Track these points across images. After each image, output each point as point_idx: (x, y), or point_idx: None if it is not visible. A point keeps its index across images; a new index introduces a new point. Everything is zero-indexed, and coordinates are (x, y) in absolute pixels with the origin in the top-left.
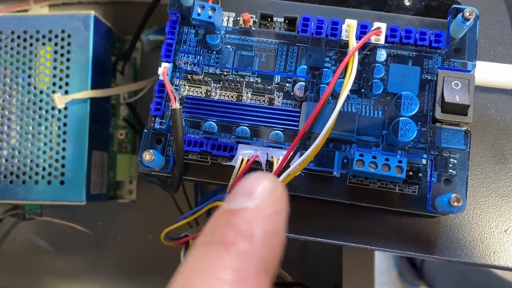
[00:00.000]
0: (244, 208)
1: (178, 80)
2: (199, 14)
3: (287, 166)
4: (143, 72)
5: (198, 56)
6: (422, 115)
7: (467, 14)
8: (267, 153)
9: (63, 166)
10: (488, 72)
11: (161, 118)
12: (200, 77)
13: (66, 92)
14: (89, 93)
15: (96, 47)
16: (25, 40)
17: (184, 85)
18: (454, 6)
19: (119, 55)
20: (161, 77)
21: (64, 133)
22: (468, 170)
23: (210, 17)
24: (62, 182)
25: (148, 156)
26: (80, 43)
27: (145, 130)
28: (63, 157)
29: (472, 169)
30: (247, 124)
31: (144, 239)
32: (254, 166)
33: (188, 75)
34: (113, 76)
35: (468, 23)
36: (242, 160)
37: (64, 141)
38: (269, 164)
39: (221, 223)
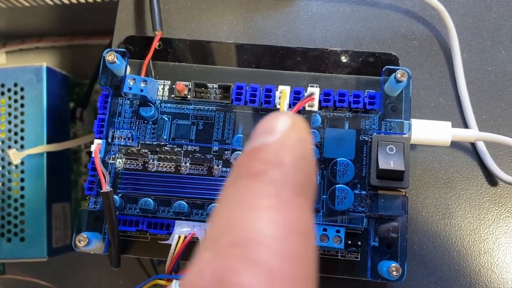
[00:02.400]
0: (267, 142)
1: (111, 156)
2: (130, 88)
3: None
4: None
5: (133, 131)
6: (360, 178)
7: (399, 75)
8: (205, 229)
9: (22, 222)
10: (425, 131)
11: (95, 197)
12: (136, 149)
13: (22, 147)
14: (44, 148)
15: (51, 98)
16: None
17: (121, 158)
18: (386, 67)
19: (79, 100)
20: (93, 155)
21: (22, 188)
22: (407, 234)
23: (142, 90)
24: (22, 239)
25: (81, 241)
26: (33, 96)
27: (78, 213)
28: (21, 213)
29: (418, 225)
30: (186, 196)
31: (115, 285)
32: (195, 240)
33: (124, 149)
34: (73, 122)
35: (401, 83)
36: (179, 238)
37: (22, 196)
38: None
39: (246, 160)
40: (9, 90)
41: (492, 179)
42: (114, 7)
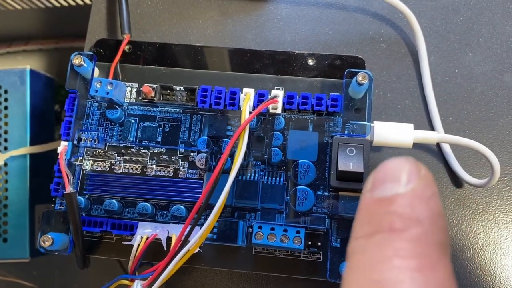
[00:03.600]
0: (399, 194)
1: (78, 158)
2: (96, 91)
3: (186, 241)
4: None
5: (99, 132)
6: (323, 180)
7: (360, 78)
8: (167, 230)
9: (5, 223)
10: (388, 132)
11: (61, 198)
12: (103, 151)
13: (6, 149)
14: (27, 149)
15: (35, 101)
16: None
17: (88, 159)
18: (348, 70)
19: (64, 102)
20: (58, 157)
21: (5, 190)
22: None
23: (107, 92)
24: (5, 240)
25: (46, 242)
26: (17, 98)
27: (43, 213)
28: (5, 214)
29: None
30: (151, 198)
31: (101, 284)
32: (156, 242)
33: (90, 151)
34: (58, 124)
35: (363, 86)
36: (142, 239)
37: (5, 198)
38: (170, 240)
39: (378, 212)
40: None
41: (457, 181)
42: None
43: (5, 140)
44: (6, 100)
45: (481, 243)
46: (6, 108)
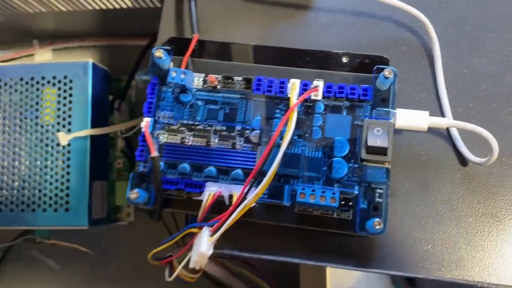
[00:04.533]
0: None
1: (157, 132)
2: (173, 78)
3: (244, 198)
4: (138, 108)
5: (173, 112)
6: (353, 155)
7: (386, 73)
8: (229, 189)
9: (67, 195)
10: (407, 118)
11: (144, 162)
12: (176, 127)
13: (69, 131)
14: (89, 131)
15: (95, 90)
16: (32, 85)
17: (163, 134)
18: (377, 66)
19: (116, 93)
20: (143, 130)
21: (68, 166)
22: (389, 198)
23: (182, 80)
24: (67, 210)
25: (133, 195)
26: (80, 87)
27: (131, 174)
28: (67, 188)
29: (401, 196)
30: (214, 165)
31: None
32: (220, 199)
33: (166, 126)
34: (111, 113)
35: (388, 79)
36: (209, 195)
37: (68, 173)
38: (231, 198)
39: None
40: (59, 81)
41: (463, 160)
42: (148, 14)
43: (69, 123)
44: (70, 88)
45: (481, 211)
46: (70, 95)
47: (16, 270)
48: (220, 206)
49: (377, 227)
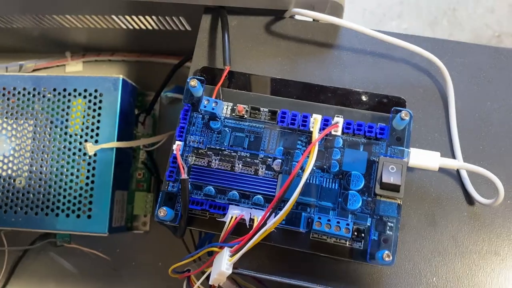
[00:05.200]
0: None
1: (186, 154)
2: (205, 106)
3: (265, 223)
4: (161, 122)
5: (203, 137)
6: (368, 188)
7: (403, 115)
8: (250, 213)
9: (90, 203)
10: (420, 157)
11: (173, 182)
12: (204, 151)
13: (96, 142)
14: (115, 144)
15: (123, 104)
16: (64, 96)
17: (192, 156)
18: (394, 107)
19: (142, 107)
20: (174, 152)
21: (93, 175)
22: (399, 231)
23: (213, 108)
24: (89, 216)
25: (162, 212)
26: (110, 101)
27: (161, 193)
28: (91, 195)
29: (409, 230)
30: (237, 189)
31: (155, 265)
32: (240, 223)
33: (195, 150)
34: (136, 126)
35: (405, 121)
36: (232, 218)
37: (92, 182)
38: (252, 221)
39: None
40: (90, 94)
41: (470, 200)
42: (177, 34)
43: (97, 134)
44: (100, 101)
45: (485, 249)
46: (100, 108)
47: (33, 269)
48: (239, 227)
49: (387, 259)
